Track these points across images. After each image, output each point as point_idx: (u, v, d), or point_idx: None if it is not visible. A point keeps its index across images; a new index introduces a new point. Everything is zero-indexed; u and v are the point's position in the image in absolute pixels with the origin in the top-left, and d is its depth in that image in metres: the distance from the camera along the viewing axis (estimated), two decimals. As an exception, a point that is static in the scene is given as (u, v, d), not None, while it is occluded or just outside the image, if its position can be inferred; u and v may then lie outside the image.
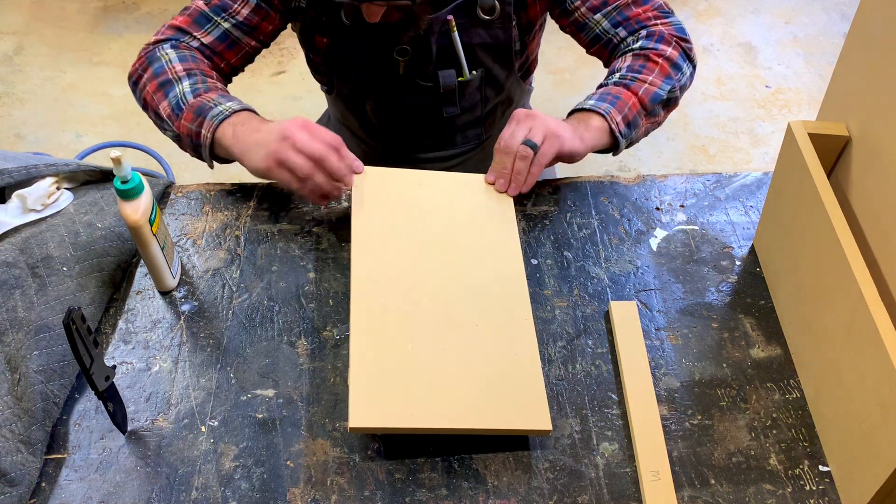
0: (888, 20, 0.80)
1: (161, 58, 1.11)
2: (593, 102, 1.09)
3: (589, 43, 1.21)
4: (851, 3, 3.03)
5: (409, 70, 1.21)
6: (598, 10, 1.16)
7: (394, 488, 0.83)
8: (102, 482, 0.83)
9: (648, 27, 1.16)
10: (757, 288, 1.01)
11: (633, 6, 1.17)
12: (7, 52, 2.79)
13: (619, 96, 1.09)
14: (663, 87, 1.11)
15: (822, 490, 0.83)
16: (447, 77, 1.20)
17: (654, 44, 1.14)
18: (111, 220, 1.02)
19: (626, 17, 1.16)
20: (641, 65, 1.12)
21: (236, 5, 1.15)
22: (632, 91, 1.10)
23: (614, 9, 1.16)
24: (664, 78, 1.12)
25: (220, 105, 1.05)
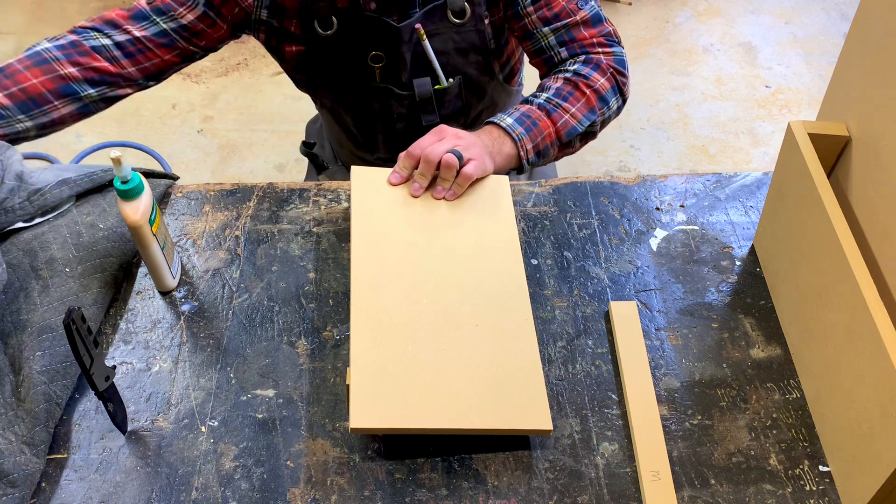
0: (888, 20, 0.80)
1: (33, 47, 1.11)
2: (510, 122, 1.09)
3: (532, 53, 1.21)
4: (851, 3, 3.03)
5: (385, 78, 1.21)
6: (549, 24, 1.16)
7: (394, 488, 0.83)
8: (102, 482, 0.83)
9: (589, 53, 1.16)
10: (757, 288, 1.01)
11: (581, 27, 1.16)
12: (7, 52, 2.79)
13: (536, 122, 1.10)
14: (583, 121, 1.12)
15: (822, 490, 0.83)
16: (422, 85, 1.20)
17: (588, 70, 1.14)
18: (113, 221, 1.02)
19: (573, 37, 1.16)
20: (569, 92, 1.12)
21: (181, 9, 1.14)
22: (552, 120, 1.11)
23: (563, 26, 1.16)
24: (588, 110, 1.12)
25: None
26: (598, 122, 1.14)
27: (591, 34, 1.16)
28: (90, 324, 0.79)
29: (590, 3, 1.17)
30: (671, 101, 2.64)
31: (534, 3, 1.15)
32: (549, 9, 1.15)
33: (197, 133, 2.52)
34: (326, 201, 1.12)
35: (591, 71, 1.13)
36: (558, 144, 1.12)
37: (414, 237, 0.98)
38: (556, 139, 1.12)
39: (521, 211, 1.10)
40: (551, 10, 1.15)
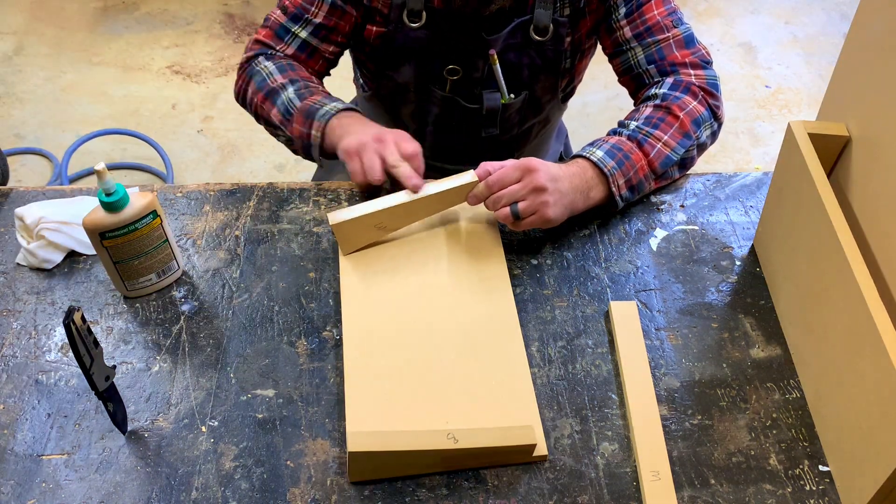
0: (888, 20, 0.80)
1: (261, 71, 1.16)
2: (601, 155, 1.04)
3: (622, 72, 1.18)
4: (851, 3, 3.03)
5: (455, 89, 1.21)
6: (640, 38, 1.13)
7: (394, 488, 0.83)
8: (102, 482, 0.83)
9: (679, 74, 1.11)
10: (757, 288, 1.01)
11: (674, 48, 1.12)
12: (7, 52, 2.79)
13: (628, 155, 1.04)
14: (677, 149, 1.06)
15: (822, 490, 0.83)
16: (492, 99, 1.19)
17: (678, 93, 1.09)
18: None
19: (663, 56, 1.12)
20: (660, 118, 1.07)
21: (313, 8, 1.16)
22: (643, 152, 1.05)
23: (654, 42, 1.12)
24: (681, 136, 1.07)
25: (325, 106, 1.10)
26: (693, 148, 1.08)
27: (684, 55, 1.12)
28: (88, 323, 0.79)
29: (685, 24, 1.13)
30: (671, 101, 2.64)
31: (627, 15, 1.12)
32: (641, 21, 1.12)
33: (197, 133, 2.52)
34: (326, 201, 1.12)
35: (681, 94, 1.09)
36: (653, 177, 1.07)
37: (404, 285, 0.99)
38: (651, 171, 1.06)
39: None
40: (644, 23, 1.12)
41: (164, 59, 2.78)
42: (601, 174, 1.03)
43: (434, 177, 1.03)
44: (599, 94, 2.60)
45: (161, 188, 1.15)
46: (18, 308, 1.00)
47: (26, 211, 1.04)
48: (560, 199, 0.99)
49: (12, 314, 0.99)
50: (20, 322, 0.98)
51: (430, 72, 1.20)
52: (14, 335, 0.97)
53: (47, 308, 1.00)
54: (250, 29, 2.90)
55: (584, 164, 1.04)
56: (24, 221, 1.03)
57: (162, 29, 2.90)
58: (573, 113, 2.48)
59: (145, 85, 2.68)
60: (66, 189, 1.15)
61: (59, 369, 0.93)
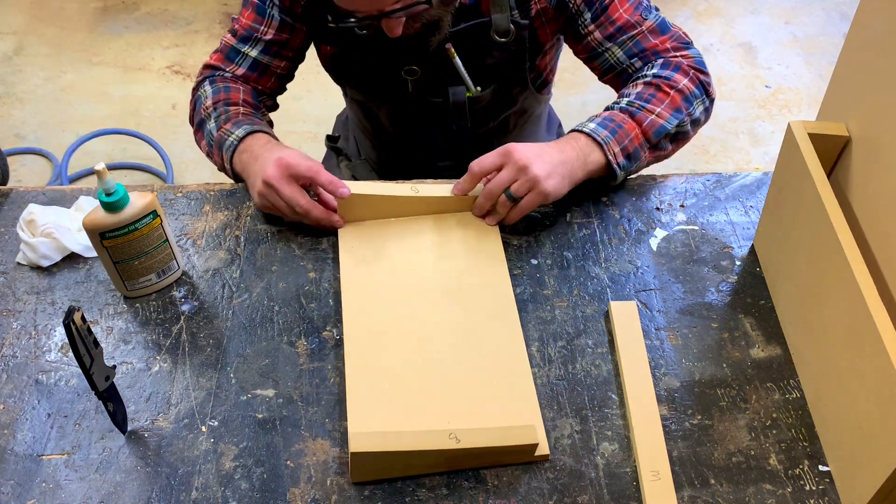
0: (888, 20, 0.80)
1: (200, 96, 1.17)
2: (594, 126, 1.05)
3: (603, 72, 1.18)
4: (851, 3, 3.03)
5: (419, 88, 1.21)
6: (613, 39, 1.12)
7: (394, 488, 0.83)
8: (102, 482, 0.83)
9: (665, 58, 1.12)
10: (757, 288, 1.01)
11: (650, 36, 1.12)
12: (7, 52, 2.79)
13: (621, 125, 1.05)
14: (671, 120, 1.06)
15: (822, 490, 0.83)
16: (457, 93, 1.19)
17: (668, 72, 1.09)
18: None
19: (643, 48, 1.12)
20: (651, 94, 1.07)
21: (262, 27, 1.16)
22: (636, 121, 1.05)
23: (630, 38, 1.11)
24: (673, 110, 1.07)
25: (230, 136, 1.10)
26: (686, 122, 1.08)
27: (662, 40, 1.12)
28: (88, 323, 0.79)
29: (654, 12, 1.13)
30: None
31: (594, 20, 1.11)
32: (611, 23, 1.11)
33: (197, 133, 2.52)
34: (326, 201, 1.12)
35: (671, 73, 1.09)
36: (648, 146, 1.07)
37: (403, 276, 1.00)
38: (645, 140, 1.06)
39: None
40: (613, 24, 1.11)
41: (164, 59, 2.78)
42: (595, 143, 1.04)
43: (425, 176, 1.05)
44: (599, 93, 2.60)
45: (161, 188, 1.15)
46: (18, 308, 1.00)
47: (37, 209, 1.04)
48: (551, 169, 0.99)
49: (12, 314, 0.99)
50: (20, 322, 0.98)
51: (388, 77, 1.20)
52: (14, 335, 0.97)
53: (47, 308, 1.00)
54: (250, 29, 2.89)
55: (575, 135, 1.06)
56: (34, 218, 1.03)
57: (162, 29, 2.90)
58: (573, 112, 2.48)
59: (145, 85, 2.68)
60: (66, 189, 1.15)
61: (59, 369, 0.93)
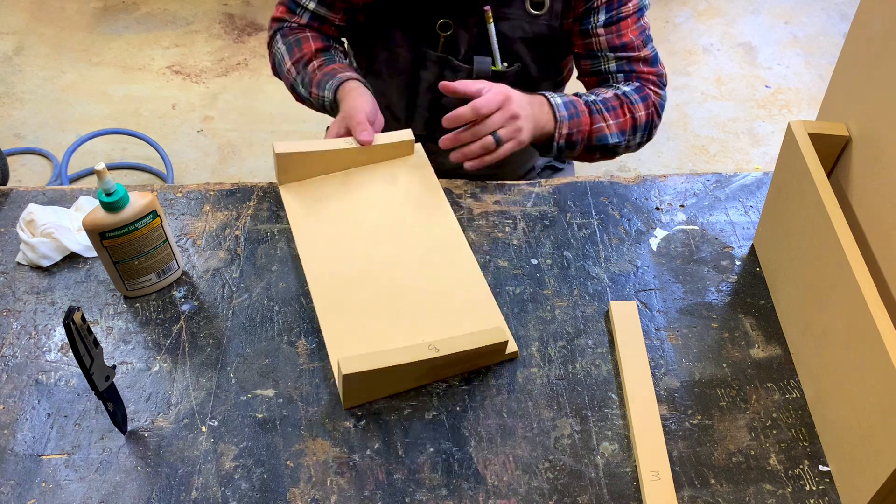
0: (888, 20, 0.80)
1: (276, 54, 1.26)
2: (559, 102, 1.13)
3: (590, 73, 1.24)
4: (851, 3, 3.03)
5: (446, 48, 1.22)
6: (614, 51, 1.19)
7: (394, 488, 0.83)
8: (102, 482, 0.83)
9: (643, 85, 1.20)
10: (757, 288, 1.01)
11: (642, 63, 1.20)
12: (7, 52, 2.79)
13: (580, 115, 1.14)
14: (613, 136, 1.16)
15: (822, 490, 0.83)
16: (482, 62, 1.22)
17: (637, 97, 1.18)
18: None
19: (633, 70, 1.20)
20: (613, 107, 1.16)
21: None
22: (591, 120, 1.14)
23: (626, 58, 1.20)
24: (619, 131, 1.16)
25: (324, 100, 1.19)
26: (622, 145, 1.18)
27: (649, 71, 1.21)
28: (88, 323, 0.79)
29: (651, 43, 1.22)
30: (671, 101, 2.64)
31: (606, 25, 1.18)
32: (618, 36, 1.18)
33: (197, 133, 2.52)
34: (326, 201, 1.12)
35: (638, 100, 1.18)
36: (585, 145, 1.15)
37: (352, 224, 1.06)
38: (587, 139, 1.14)
39: (521, 211, 1.10)
40: (620, 38, 1.19)
41: (164, 59, 2.78)
42: (553, 117, 1.12)
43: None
44: (599, 94, 2.60)
45: (161, 188, 1.15)
46: (18, 308, 1.00)
47: (37, 209, 1.04)
48: (529, 124, 1.08)
49: (12, 314, 0.99)
50: (20, 322, 0.98)
51: (421, 29, 1.21)
52: (14, 335, 0.97)
53: (47, 308, 1.00)
54: (250, 29, 2.90)
55: (542, 100, 1.13)
56: (34, 218, 1.03)
57: (162, 29, 2.90)
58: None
59: (145, 85, 2.68)
60: (66, 189, 1.15)
61: (59, 369, 0.93)
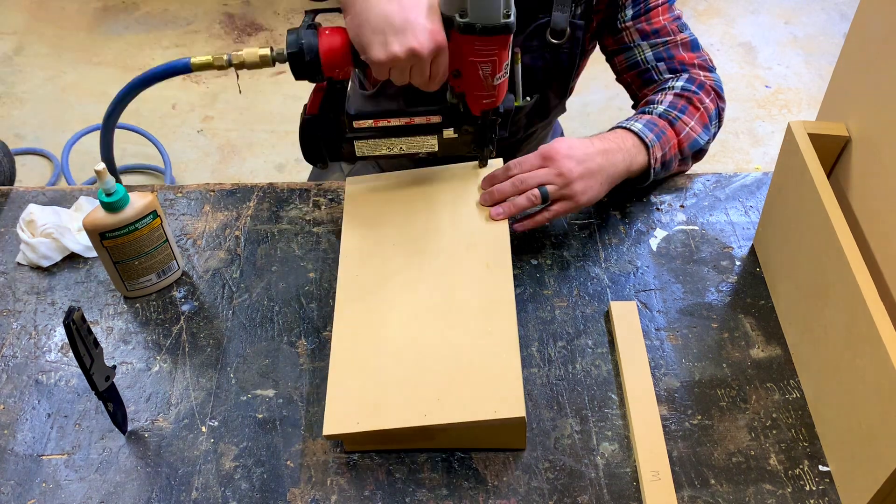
0: (888, 20, 0.80)
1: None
2: (641, 127, 1.04)
3: (626, 68, 1.17)
4: (851, 3, 3.03)
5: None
6: (646, 38, 1.13)
7: (394, 488, 0.83)
8: (102, 482, 0.83)
9: (691, 73, 1.13)
10: (757, 288, 1.01)
11: (681, 48, 1.14)
12: (7, 52, 2.79)
13: (664, 131, 1.05)
14: (702, 136, 1.09)
15: (822, 490, 0.83)
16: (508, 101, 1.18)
17: (695, 87, 1.10)
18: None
19: (672, 55, 1.13)
20: (684, 106, 1.08)
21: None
22: (675, 131, 1.07)
23: (662, 43, 1.13)
24: (703, 127, 1.09)
25: None
26: (709, 141, 1.10)
27: (691, 57, 1.14)
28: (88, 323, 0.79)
29: (688, 29, 1.15)
30: (671, 101, 2.64)
31: (634, 17, 1.13)
32: (648, 23, 1.13)
33: (197, 133, 2.52)
34: (326, 201, 1.12)
35: (696, 89, 1.10)
36: (679, 158, 1.08)
37: (402, 239, 0.98)
38: (679, 151, 1.08)
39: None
40: (651, 26, 1.13)
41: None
42: (642, 144, 1.03)
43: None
44: (599, 93, 2.60)
45: (161, 188, 1.15)
46: (18, 308, 1.00)
47: (37, 209, 1.04)
48: (592, 182, 0.99)
49: (12, 314, 0.99)
50: (20, 322, 0.98)
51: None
52: (14, 335, 0.97)
53: (47, 308, 1.00)
54: (250, 29, 2.90)
55: (622, 134, 1.04)
56: (34, 218, 1.03)
57: (162, 29, 2.90)
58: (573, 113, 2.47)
59: (145, 85, 2.68)
60: (66, 189, 1.15)
61: (59, 369, 0.93)
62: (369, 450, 0.85)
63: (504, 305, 0.90)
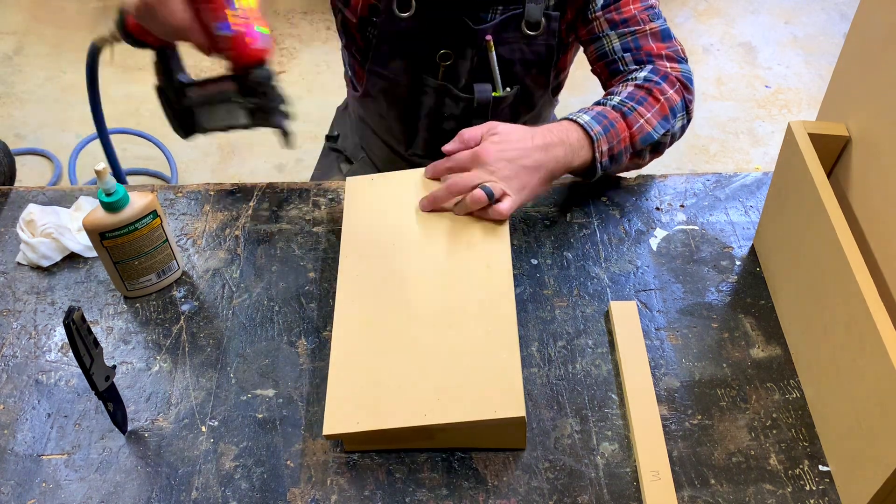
0: (888, 20, 0.80)
1: None
2: (588, 119, 1.03)
3: (595, 58, 1.17)
4: (851, 3, 3.03)
5: (446, 77, 1.20)
6: (615, 28, 1.12)
7: (394, 488, 0.83)
8: (102, 482, 0.83)
9: (656, 64, 1.11)
10: (757, 288, 1.01)
11: (650, 38, 1.12)
12: (7, 52, 2.79)
13: (614, 123, 1.03)
14: (658, 128, 1.06)
15: (822, 490, 0.83)
16: (483, 91, 1.19)
17: (658, 78, 1.08)
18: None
19: (639, 45, 1.12)
20: (643, 97, 1.06)
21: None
22: (627, 123, 1.04)
23: (630, 33, 1.12)
24: (661, 118, 1.06)
25: None
26: (669, 134, 1.08)
27: (659, 47, 1.12)
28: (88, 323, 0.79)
29: (661, 18, 1.13)
30: (671, 101, 2.64)
31: (604, 6, 1.12)
32: (618, 13, 1.12)
33: (197, 133, 2.52)
34: (326, 201, 1.12)
35: (660, 80, 1.08)
36: (631, 151, 1.06)
37: (402, 239, 0.97)
38: (630, 145, 1.05)
39: (521, 210, 1.10)
40: (620, 15, 1.12)
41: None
42: (587, 137, 1.02)
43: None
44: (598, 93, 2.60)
45: (161, 188, 1.15)
46: (18, 308, 1.00)
47: (37, 210, 1.04)
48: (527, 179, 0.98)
49: (12, 314, 0.99)
50: (20, 322, 0.98)
51: (421, 59, 1.20)
52: (14, 335, 0.97)
53: (47, 308, 1.00)
54: (250, 29, 2.89)
55: (568, 125, 1.02)
56: (34, 218, 1.03)
57: (162, 29, 2.90)
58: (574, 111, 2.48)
59: (145, 85, 2.68)
60: (66, 189, 1.15)
61: (59, 369, 0.93)
62: (369, 450, 0.85)
63: (504, 305, 0.90)
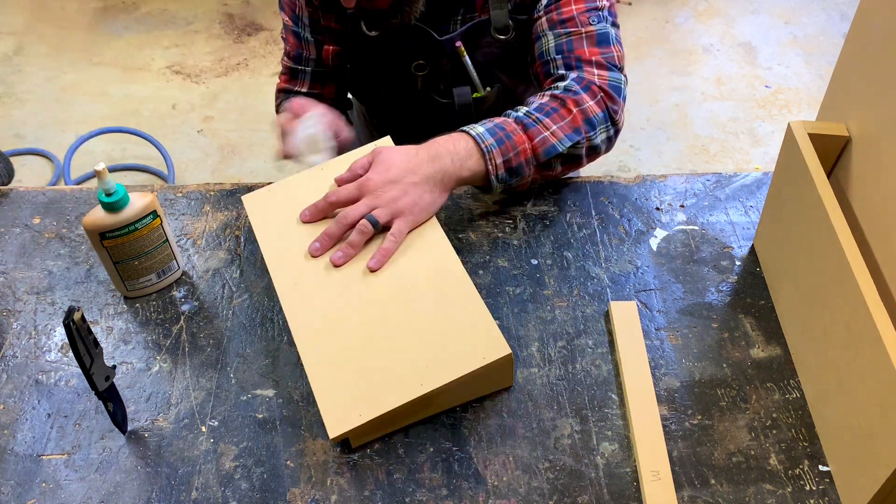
0: (888, 20, 0.80)
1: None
2: (481, 131, 1.01)
3: (534, 58, 1.16)
4: (851, 3, 3.03)
5: (427, 86, 1.22)
6: (553, 28, 1.11)
7: (394, 488, 0.83)
8: (102, 482, 0.83)
9: (584, 71, 1.08)
10: (757, 288, 1.01)
11: (584, 41, 1.09)
12: (7, 52, 2.80)
13: (511, 135, 1.01)
14: (564, 140, 1.02)
15: (822, 490, 0.83)
16: (462, 94, 1.20)
17: (578, 88, 1.06)
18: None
19: (571, 49, 1.10)
20: (553, 108, 1.04)
21: (304, 51, 1.23)
22: (528, 135, 1.02)
23: (566, 34, 1.10)
24: (571, 130, 1.03)
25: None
26: (582, 145, 1.04)
27: (592, 52, 1.09)
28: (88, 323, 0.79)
29: (604, 22, 1.10)
30: (671, 101, 2.64)
31: (547, 5, 1.12)
32: (558, 13, 1.11)
33: (197, 133, 2.52)
34: (326, 201, 1.12)
35: (580, 90, 1.05)
36: (535, 163, 1.03)
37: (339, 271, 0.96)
38: (533, 157, 1.02)
39: (521, 211, 1.10)
40: (560, 15, 1.11)
41: (164, 59, 2.78)
42: (478, 148, 1.00)
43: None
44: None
45: (161, 188, 1.15)
46: (18, 308, 1.00)
47: None
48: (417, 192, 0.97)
49: (12, 314, 0.99)
50: (20, 322, 0.98)
51: (398, 73, 1.22)
52: (14, 335, 0.97)
53: (47, 308, 1.00)
54: (250, 29, 2.90)
55: (458, 137, 1.02)
56: None
57: (162, 29, 2.90)
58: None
59: (145, 85, 2.68)
60: (66, 189, 1.15)
61: (59, 369, 0.93)
62: (374, 439, 0.85)
63: (449, 262, 0.94)
